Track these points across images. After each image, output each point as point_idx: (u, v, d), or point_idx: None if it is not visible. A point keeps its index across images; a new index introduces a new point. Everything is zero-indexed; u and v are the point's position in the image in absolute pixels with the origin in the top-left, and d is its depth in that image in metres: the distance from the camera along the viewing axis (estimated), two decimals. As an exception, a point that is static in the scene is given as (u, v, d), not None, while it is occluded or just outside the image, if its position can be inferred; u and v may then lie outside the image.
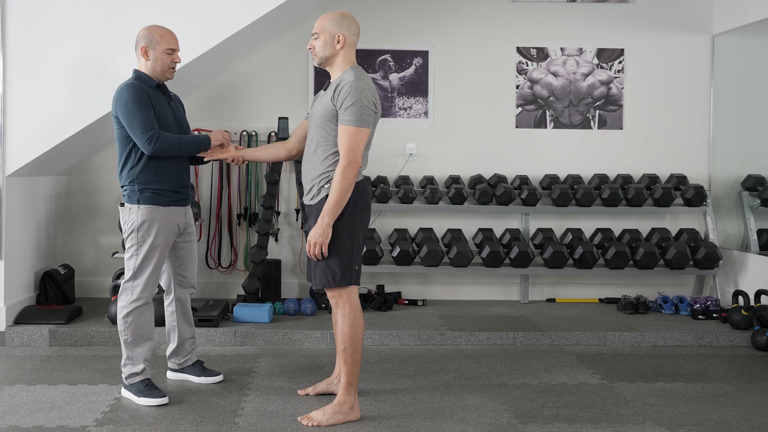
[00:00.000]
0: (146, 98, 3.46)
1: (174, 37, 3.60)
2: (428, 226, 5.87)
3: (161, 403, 3.46)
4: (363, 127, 3.16)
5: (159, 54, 3.53)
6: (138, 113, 3.41)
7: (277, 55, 5.81)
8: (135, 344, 3.53)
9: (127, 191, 3.53)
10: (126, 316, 3.51)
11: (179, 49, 3.63)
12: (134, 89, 3.45)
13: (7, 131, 4.51)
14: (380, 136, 5.68)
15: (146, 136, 3.40)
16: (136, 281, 3.51)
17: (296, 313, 5.14)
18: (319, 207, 3.26)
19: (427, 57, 5.92)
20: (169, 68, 3.57)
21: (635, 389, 3.83)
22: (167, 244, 3.56)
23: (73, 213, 5.68)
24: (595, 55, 6.00)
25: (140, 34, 3.57)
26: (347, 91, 3.16)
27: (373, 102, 3.20)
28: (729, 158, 6.00)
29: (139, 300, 3.51)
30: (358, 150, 3.17)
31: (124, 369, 3.57)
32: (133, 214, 3.50)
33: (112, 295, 4.78)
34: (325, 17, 3.28)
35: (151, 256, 3.50)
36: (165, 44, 3.53)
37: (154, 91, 3.54)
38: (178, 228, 3.61)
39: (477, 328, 4.83)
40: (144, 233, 3.48)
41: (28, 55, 4.49)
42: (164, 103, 3.59)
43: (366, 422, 3.28)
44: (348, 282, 3.25)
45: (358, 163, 3.17)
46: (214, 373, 3.87)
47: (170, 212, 3.55)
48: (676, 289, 5.92)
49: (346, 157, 3.15)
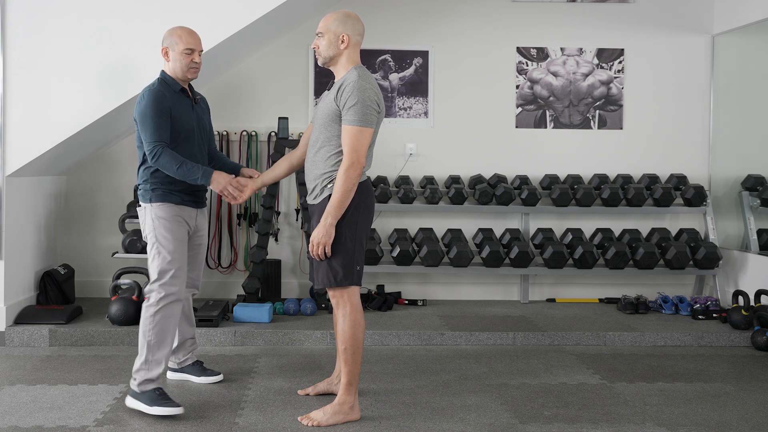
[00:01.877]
0: (164, 105, 3.44)
1: (194, 37, 3.58)
2: (428, 226, 5.87)
3: (176, 413, 3.30)
4: (366, 126, 3.16)
5: (178, 55, 3.53)
6: (151, 122, 3.40)
7: (277, 55, 5.81)
8: (158, 346, 3.40)
9: (141, 190, 3.54)
10: (154, 315, 3.40)
11: (201, 48, 3.61)
12: (154, 95, 3.44)
13: (7, 131, 4.51)
14: (380, 136, 5.66)
15: (150, 148, 3.40)
16: (162, 280, 3.42)
17: (296, 313, 5.14)
18: (321, 207, 3.25)
19: (427, 57, 5.92)
20: (189, 68, 3.56)
21: (635, 389, 3.83)
22: (184, 239, 3.53)
23: (73, 213, 5.68)
24: (595, 55, 6.00)
25: (164, 36, 3.60)
26: (350, 90, 3.15)
27: (376, 102, 3.20)
28: (729, 158, 6.00)
29: (169, 296, 3.42)
30: (362, 150, 3.17)
31: (137, 375, 3.39)
32: (147, 212, 3.50)
33: (112, 295, 4.78)
34: (330, 16, 3.28)
35: (172, 252, 3.45)
36: (183, 45, 3.52)
37: (176, 95, 3.54)
38: (189, 228, 3.58)
39: (477, 328, 4.83)
40: (161, 229, 3.46)
41: (29, 54, 4.49)
42: (187, 108, 3.58)
43: (366, 422, 3.28)
44: (350, 282, 3.25)
45: (361, 163, 3.17)
46: (213, 373, 3.86)
47: (181, 210, 3.53)
48: (676, 289, 5.92)
49: (350, 156, 3.15)
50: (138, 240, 5.04)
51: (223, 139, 5.68)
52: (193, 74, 3.60)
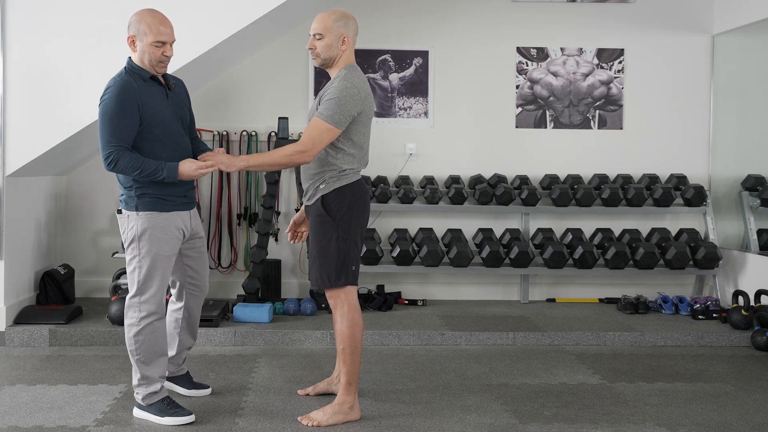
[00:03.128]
0: (130, 99, 3.09)
1: (166, 26, 3.17)
2: (428, 226, 5.87)
3: (189, 421, 3.20)
4: (334, 126, 3.13)
5: (146, 46, 3.14)
6: (109, 122, 3.07)
7: (277, 55, 5.81)
8: (149, 363, 3.22)
9: (125, 197, 3.21)
10: (137, 335, 3.19)
11: (173, 39, 3.20)
12: (119, 88, 3.09)
13: (7, 131, 4.51)
14: (380, 136, 5.69)
15: (106, 153, 3.07)
16: (143, 296, 3.19)
17: (296, 313, 5.14)
18: (316, 207, 3.26)
19: (427, 57, 5.92)
20: (158, 62, 3.17)
21: (635, 389, 3.83)
22: (173, 252, 3.25)
23: (73, 213, 5.68)
24: (595, 55, 6.00)
25: (130, 19, 3.19)
26: (333, 88, 3.17)
27: (356, 103, 3.15)
28: (729, 158, 6.00)
29: (150, 316, 3.20)
30: (319, 146, 3.13)
31: (138, 390, 3.25)
32: (132, 222, 3.17)
33: (112, 295, 4.78)
34: (328, 17, 3.24)
35: (156, 267, 3.18)
36: (152, 36, 3.12)
37: (146, 84, 3.17)
38: (183, 234, 3.30)
39: (477, 328, 4.83)
40: (146, 243, 3.16)
41: (28, 54, 4.49)
42: (160, 97, 3.22)
43: (366, 422, 3.28)
44: (344, 282, 3.24)
45: (310, 157, 3.13)
46: (203, 386, 3.63)
47: (173, 218, 3.23)
48: (676, 289, 5.92)
49: (305, 144, 3.10)
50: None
51: (223, 139, 5.68)
52: (162, 68, 3.21)
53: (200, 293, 3.54)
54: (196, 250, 3.46)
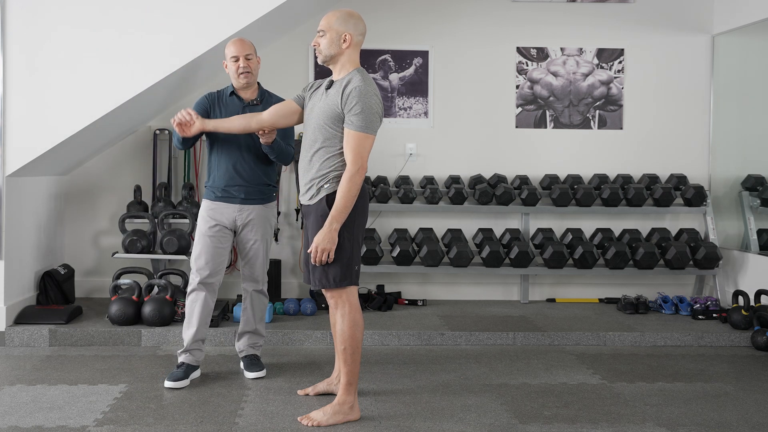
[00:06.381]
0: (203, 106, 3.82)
1: (239, 44, 3.82)
2: (428, 226, 5.87)
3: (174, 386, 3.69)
4: (370, 133, 3.17)
5: (227, 62, 3.84)
6: None
7: (277, 55, 5.81)
8: (186, 325, 3.83)
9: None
10: (186, 297, 3.90)
11: (247, 53, 3.80)
12: (202, 97, 3.89)
13: (7, 131, 4.51)
14: (380, 136, 5.67)
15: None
16: (193, 268, 3.83)
17: (296, 313, 5.14)
18: (318, 207, 3.25)
19: (427, 57, 5.92)
20: (237, 74, 3.81)
21: (635, 389, 3.84)
22: (213, 235, 3.79)
23: (73, 213, 5.68)
24: (595, 55, 6.00)
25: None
26: (356, 96, 3.13)
27: (379, 107, 3.21)
28: (729, 158, 6.00)
29: (193, 284, 3.81)
30: (366, 156, 3.18)
31: None
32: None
33: (112, 295, 4.77)
34: (333, 15, 3.25)
35: (199, 243, 3.80)
36: (229, 53, 3.82)
37: (227, 98, 3.86)
38: (227, 224, 3.82)
39: (477, 328, 4.83)
40: (198, 222, 3.85)
41: (28, 54, 4.49)
42: (235, 109, 3.82)
43: (366, 422, 3.28)
44: (348, 282, 3.25)
45: (365, 169, 3.19)
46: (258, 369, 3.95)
47: (217, 206, 3.81)
48: (676, 289, 5.92)
49: (355, 162, 3.15)
50: (138, 240, 5.04)
51: (223, 139, 5.68)
52: (243, 79, 3.81)
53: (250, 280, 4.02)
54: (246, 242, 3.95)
